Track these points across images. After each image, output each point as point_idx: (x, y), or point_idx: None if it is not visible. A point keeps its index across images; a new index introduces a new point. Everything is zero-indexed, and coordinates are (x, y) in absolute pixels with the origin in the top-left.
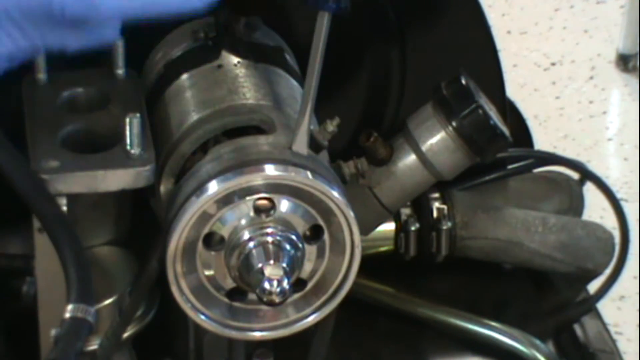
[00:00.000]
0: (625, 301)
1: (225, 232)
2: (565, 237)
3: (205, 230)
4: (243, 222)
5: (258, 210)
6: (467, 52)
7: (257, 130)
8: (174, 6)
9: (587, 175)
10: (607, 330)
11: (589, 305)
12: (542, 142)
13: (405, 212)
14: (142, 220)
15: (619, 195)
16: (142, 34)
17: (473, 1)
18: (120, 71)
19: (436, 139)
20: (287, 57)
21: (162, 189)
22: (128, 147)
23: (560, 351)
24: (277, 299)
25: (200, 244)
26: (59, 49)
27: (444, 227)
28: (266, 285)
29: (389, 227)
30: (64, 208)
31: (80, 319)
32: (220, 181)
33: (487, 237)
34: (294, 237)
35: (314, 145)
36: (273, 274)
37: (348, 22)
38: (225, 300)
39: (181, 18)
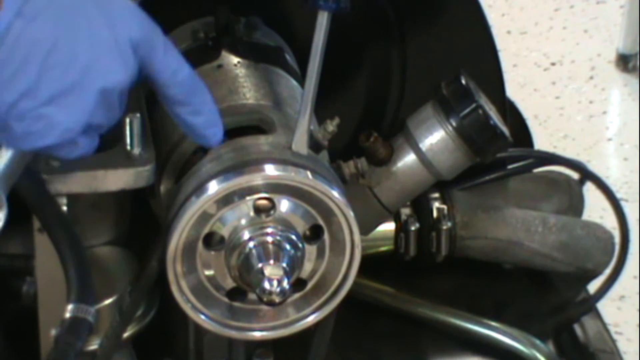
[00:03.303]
0: (625, 301)
1: (225, 232)
2: (565, 237)
3: (205, 230)
4: (243, 222)
5: (258, 210)
6: (467, 52)
7: (257, 130)
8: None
9: (587, 175)
10: (607, 330)
11: (589, 305)
12: (542, 142)
13: (405, 212)
14: (142, 220)
15: (619, 195)
16: None
17: (473, 1)
18: None
19: (436, 139)
20: (287, 57)
21: (162, 189)
22: (128, 147)
23: (560, 351)
24: (277, 299)
25: (200, 244)
26: None
27: (444, 227)
28: (266, 285)
29: (389, 227)
30: (64, 208)
31: (80, 319)
32: (220, 181)
33: (487, 237)
34: (294, 237)
35: (314, 145)
36: (273, 273)
37: (348, 22)
38: (225, 300)
39: None
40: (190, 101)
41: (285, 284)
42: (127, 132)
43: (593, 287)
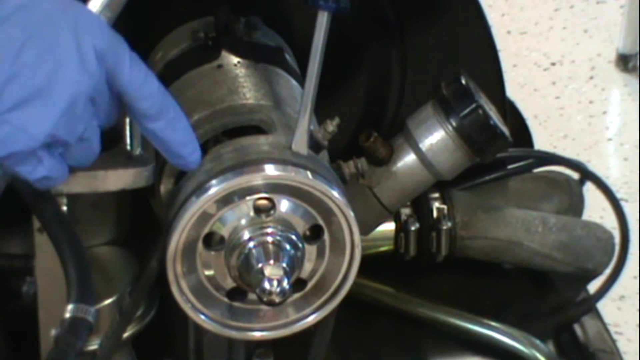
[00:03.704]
0: (625, 301)
1: (225, 232)
2: (565, 237)
3: (205, 230)
4: (243, 222)
5: (258, 210)
6: (467, 52)
7: (257, 130)
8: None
9: (587, 175)
10: (607, 330)
11: (589, 305)
12: (542, 142)
13: (405, 212)
14: (142, 220)
15: (619, 195)
16: (142, 34)
17: (473, 1)
18: None
19: (436, 139)
20: (287, 57)
21: (162, 189)
22: (128, 147)
23: (560, 351)
24: (277, 299)
25: (200, 244)
26: None
27: (444, 227)
28: (266, 285)
29: (389, 227)
30: (64, 208)
31: (80, 319)
32: (220, 181)
33: (487, 237)
34: (294, 237)
35: (314, 145)
36: (273, 274)
37: (348, 22)
38: (225, 300)
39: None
40: (162, 116)
41: (285, 284)
42: (127, 133)
43: (593, 287)
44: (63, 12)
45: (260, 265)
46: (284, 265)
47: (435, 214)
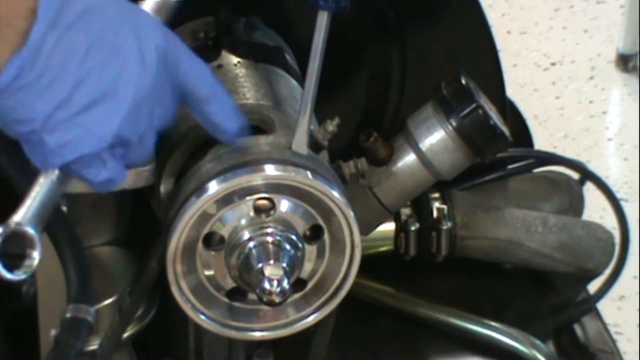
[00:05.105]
0: (625, 301)
1: (225, 232)
2: (565, 237)
3: (205, 230)
4: (243, 222)
5: (258, 210)
6: (467, 52)
7: (257, 130)
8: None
9: (587, 175)
10: (607, 330)
11: (589, 305)
12: (542, 142)
13: (405, 212)
14: (142, 220)
15: (619, 195)
16: None
17: (473, 1)
18: None
19: (436, 139)
20: (287, 57)
21: (162, 189)
22: None
23: (560, 351)
24: (277, 299)
25: (200, 244)
26: None
27: (444, 227)
28: (266, 285)
29: (389, 227)
30: (64, 208)
31: (80, 319)
32: (220, 181)
33: (487, 237)
34: (294, 237)
35: (314, 145)
36: (273, 274)
37: (348, 22)
38: (225, 300)
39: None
40: (216, 99)
41: (285, 284)
42: None
43: (593, 287)
44: (123, 16)
45: (260, 265)
46: (284, 265)
47: (435, 214)
